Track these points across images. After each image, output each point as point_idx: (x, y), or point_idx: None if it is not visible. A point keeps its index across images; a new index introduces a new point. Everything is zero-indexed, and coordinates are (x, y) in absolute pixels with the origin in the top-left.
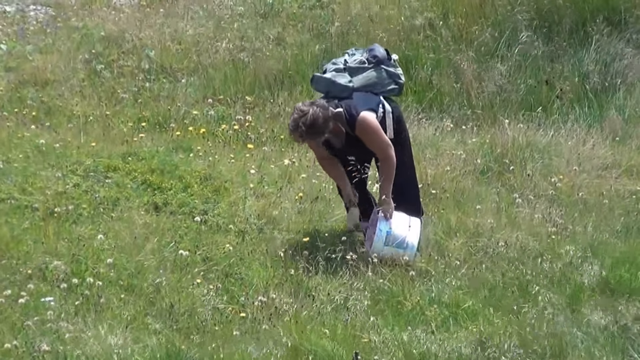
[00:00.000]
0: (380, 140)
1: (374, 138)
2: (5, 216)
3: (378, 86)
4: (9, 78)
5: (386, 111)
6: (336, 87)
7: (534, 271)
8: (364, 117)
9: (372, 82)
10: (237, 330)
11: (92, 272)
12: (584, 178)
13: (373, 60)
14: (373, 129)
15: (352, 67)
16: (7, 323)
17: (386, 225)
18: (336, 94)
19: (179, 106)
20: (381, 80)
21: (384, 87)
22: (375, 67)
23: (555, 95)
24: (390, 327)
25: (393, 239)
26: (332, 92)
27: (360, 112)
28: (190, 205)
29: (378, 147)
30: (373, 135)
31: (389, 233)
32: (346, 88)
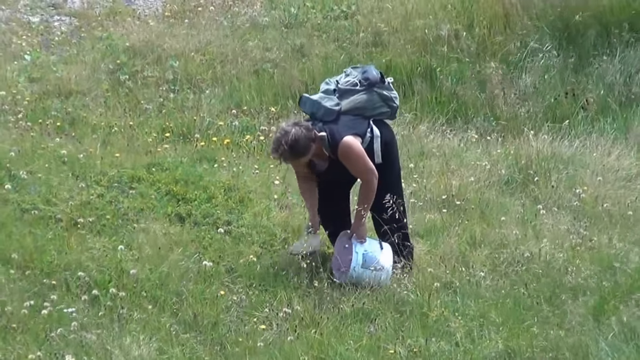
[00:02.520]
0: (362, 165)
1: (356, 163)
2: (29, 227)
3: (368, 110)
4: (33, 88)
5: (374, 136)
6: (321, 110)
7: (558, 282)
8: (347, 142)
9: (361, 105)
10: (261, 342)
11: (115, 283)
12: (608, 189)
13: (365, 82)
14: (355, 154)
15: (342, 89)
16: (30, 334)
17: (361, 247)
18: (322, 117)
19: (203, 117)
20: (371, 104)
21: (374, 110)
22: (366, 89)
23: (580, 106)
24: (414, 339)
25: (370, 260)
26: (317, 114)
27: (343, 137)
28: (214, 216)
29: (360, 172)
30: (355, 161)
31: (365, 255)
32: (331, 112)
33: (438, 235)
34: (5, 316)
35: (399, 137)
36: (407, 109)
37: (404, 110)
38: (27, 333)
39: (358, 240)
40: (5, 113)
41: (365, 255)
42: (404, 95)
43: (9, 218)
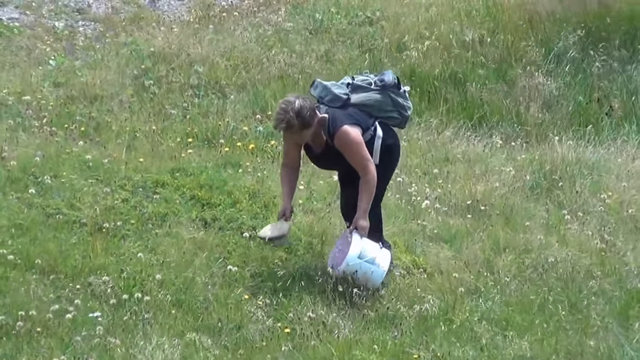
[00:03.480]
0: (360, 154)
1: (354, 151)
2: (53, 231)
3: (376, 110)
4: (58, 93)
5: (376, 135)
6: (329, 95)
7: (583, 287)
8: (345, 130)
9: (371, 103)
10: (285, 346)
11: (140, 287)
12: (633, 194)
13: (380, 83)
14: (353, 142)
15: (356, 84)
16: (55, 338)
17: (361, 241)
18: (328, 102)
19: (228, 122)
20: (382, 105)
21: (384, 112)
22: (380, 90)
23: (605, 112)
24: (439, 344)
25: (366, 254)
26: (325, 98)
27: (343, 124)
28: (238, 221)
29: (357, 161)
30: (352, 148)
31: (364, 248)
32: (338, 98)
33: (462, 240)
34: (29, 320)
35: (424, 143)
36: (432, 114)
37: (429, 116)
38: (51, 337)
39: (358, 233)
40: (30, 118)
41: (363, 248)
42: (428, 101)
43: (33, 222)
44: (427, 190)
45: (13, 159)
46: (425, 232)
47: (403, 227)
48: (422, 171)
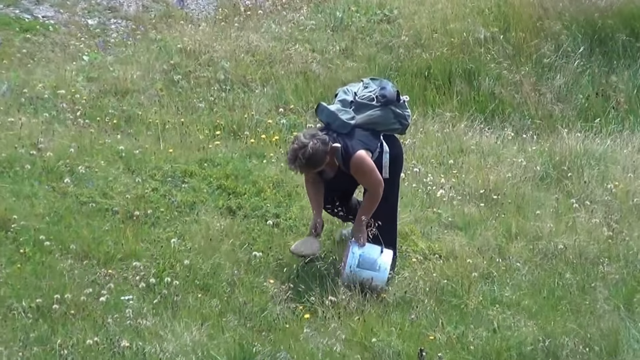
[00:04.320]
0: (373, 178)
1: (368, 177)
2: (87, 219)
3: (380, 125)
4: (91, 88)
5: (384, 151)
6: (337, 122)
7: (591, 273)
8: (359, 157)
9: (375, 120)
10: (307, 328)
11: (169, 272)
12: (638, 184)
13: (382, 99)
14: (367, 169)
15: (359, 102)
16: (88, 320)
17: (359, 249)
18: (336, 129)
19: (253, 115)
20: (385, 120)
21: (387, 126)
22: (382, 106)
23: (611, 106)
24: (453, 326)
25: (365, 262)
26: (332, 125)
27: (356, 151)
28: (263, 209)
29: (370, 184)
30: (366, 174)
31: (362, 256)
32: (347, 125)
33: (476, 227)
34: (64, 303)
35: (439, 135)
36: (447, 108)
37: (444, 109)
38: (85, 319)
39: (357, 244)
40: (64, 111)
41: (361, 256)
42: (443, 95)
43: (68, 210)
44: (442, 180)
45: (49, 150)
46: (440, 220)
47: (419, 214)
48: (437, 162)
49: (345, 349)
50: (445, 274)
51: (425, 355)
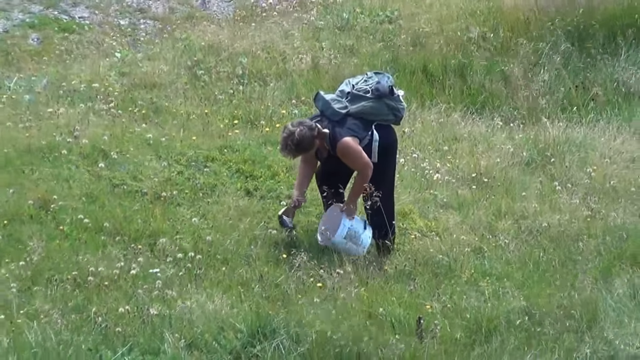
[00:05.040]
0: (359, 160)
1: (352, 159)
2: (119, 199)
3: (372, 115)
4: (123, 82)
5: (373, 139)
6: (329, 110)
7: (572, 248)
8: (344, 143)
9: (367, 111)
10: (317, 298)
11: (193, 247)
12: (614, 169)
13: (376, 92)
14: (352, 152)
15: (354, 94)
16: (120, 291)
17: (349, 222)
18: (329, 116)
19: (268, 106)
20: (378, 111)
21: (379, 116)
22: (375, 99)
23: (590, 98)
24: (448, 296)
25: (352, 234)
26: (326, 113)
27: (342, 138)
28: (277, 191)
29: (357, 166)
30: (351, 157)
31: (350, 229)
32: (338, 113)
33: (468, 207)
34: (98, 275)
35: (435, 124)
36: (442, 100)
37: (439, 101)
38: (117, 290)
39: (347, 216)
40: (98, 102)
41: (350, 229)
42: (439, 88)
43: (101, 192)
44: (438, 165)
45: (85, 138)
46: (436, 201)
47: (417, 196)
48: (433, 148)
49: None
50: (440, 249)
51: (423, 322)
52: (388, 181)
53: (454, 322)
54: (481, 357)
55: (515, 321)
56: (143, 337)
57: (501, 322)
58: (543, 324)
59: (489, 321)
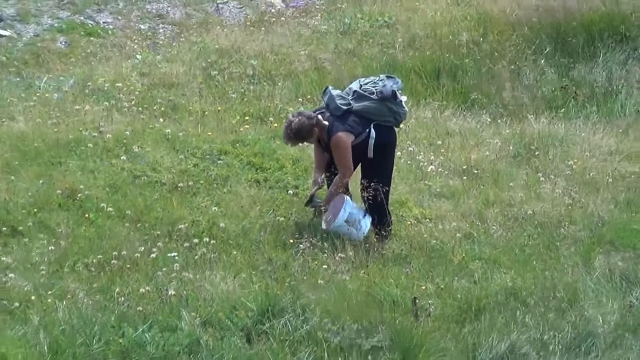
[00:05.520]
0: (344, 160)
1: (339, 156)
2: (140, 189)
3: (373, 115)
4: (143, 81)
5: (370, 136)
6: (333, 104)
7: (554, 234)
8: (337, 137)
9: (369, 111)
10: (321, 280)
11: (208, 233)
12: (593, 162)
13: (379, 95)
14: (341, 148)
15: (360, 93)
16: (141, 273)
17: (350, 208)
18: (331, 110)
19: (276, 104)
20: (379, 112)
21: (380, 117)
22: (378, 101)
23: (571, 97)
24: (441, 278)
25: (352, 220)
26: (330, 106)
27: (338, 131)
28: (285, 181)
29: (341, 164)
30: (339, 153)
31: (350, 214)
32: (339, 109)
33: (460, 197)
34: (121, 259)
35: (429, 121)
36: (435, 98)
37: (433, 99)
38: (139, 272)
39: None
40: (121, 100)
41: (350, 214)
42: (433, 87)
43: (124, 183)
44: (432, 157)
45: (108, 133)
46: (430, 190)
47: (413, 186)
48: (428, 142)
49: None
50: (434, 235)
51: (418, 302)
52: (385, 175)
53: (447, 302)
54: (471, 333)
55: (502, 301)
56: (162, 315)
57: (490, 302)
58: (528, 303)
59: (478, 300)
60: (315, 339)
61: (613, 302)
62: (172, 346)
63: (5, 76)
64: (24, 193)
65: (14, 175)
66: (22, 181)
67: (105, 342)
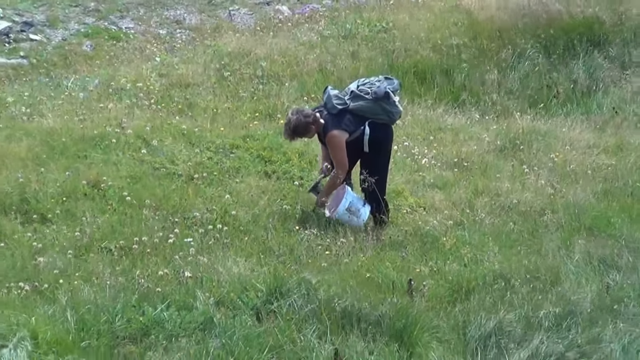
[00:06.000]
0: (337, 156)
1: (334, 153)
2: (159, 180)
3: (368, 113)
4: (162, 82)
5: (364, 133)
6: (330, 104)
7: (538, 221)
8: (332, 134)
9: (363, 109)
10: (324, 263)
11: (221, 220)
12: (574, 155)
13: (373, 95)
14: (335, 145)
15: (356, 93)
16: (160, 257)
17: (351, 196)
18: (328, 109)
19: (283, 102)
20: (373, 111)
21: (374, 115)
22: (373, 100)
23: (553, 95)
24: (434, 261)
25: (353, 207)
26: (327, 105)
27: (332, 129)
28: (291, 173)
29: (336, 160)
30: (333, 150)
31: (351, 203)
32: (335, 108)
33: (451, 187)
34: (142, 244)
35: (423, 117)
36: (429, 96)
37: (427, 98)
38: (158, 256)
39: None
40: (142, 99)
41: (351, 203)
42: (427, 87)
43: (144, 174)
44: (426, 151)
45: (130, 128)
46: (424, 181)
47: (409, 177)
48: (422, 137)
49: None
50: (428, 222)
51: (413, 283)
52: (381, 168)
53: (439, 283)
54: (462, 312)
55: (490, 282)
56: (179, 295)
57: (478, 283)
58: (513, 284)
59: (468, 282)
60: (319, 317)
61: (591, 283)
62: (188, 324)
63: (35, 77)
64: (52, 184)
65: (43, 167)
66: (51, 173)
67: (127, 320)
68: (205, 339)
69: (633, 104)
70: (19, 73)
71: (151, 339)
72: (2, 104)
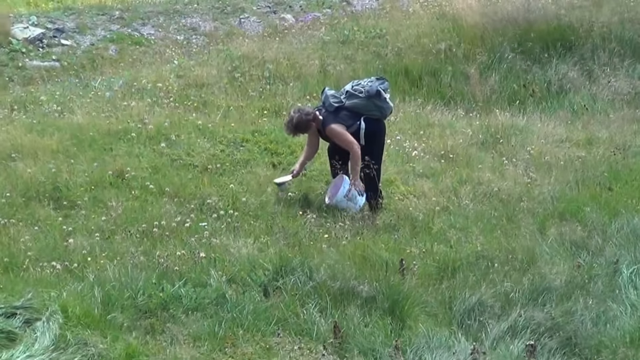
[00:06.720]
0: (344, 138)
1: (339, 139)
2: (177, 171)
3: (361, 110)
4: (179, 82)
5: (360, 127)
6: (327, 103)
7: (516, 207)
8: (330, 128)
9: (357, 106)
10: (324, 245)
11: (232, 206)
12: (548, 148)
13: (366, 93)
14: (337, 133)
15: (351, 92)
16: (177, 239)
17: (349, 185)
18: (326, 107)
19: (288, 100)
20: (366, 107)
21: (368, 111)
22: (365, 98)
23: (529, 94)
24: (423, 243)
25: (351, 195)
26: (325, 104)
27: (329, 124)
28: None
29: (345, 143)
30: (337, 137)
31: (349, 191)
32: (332, 106)
33: (438, 176)
34: (161, 227)
35: (413, 114)
36: (418, 95)
37: (417, 96)
38: (175, 239)
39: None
40: (161, 98)
41: (349, 190)
42: (417, 86)
43: (164, 165)
44: (416, 144)
45: (151, 124)
46: (415, 171)
47: (400, 168)
48: (412, 132)
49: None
50: (418, 208)
51: (404, 263)
52: (376, 158)
53: (428, 263)
54: (449, 289)
55: (473, 262)
56: (194, 273)
57: (463, 263)
58: (494, 264)
59: (454, 262)
60: (320, 293)
61: (564, 263)
62: (203, 299)
63: (66, 78)
64: (81, 173)
65: (73, 159)
66: (79, 164)
67: (148, 296)
68: (218, 313)
69: (600, 101)
70: (52, 74)
71: (170, 313)
72: (36, 102)
